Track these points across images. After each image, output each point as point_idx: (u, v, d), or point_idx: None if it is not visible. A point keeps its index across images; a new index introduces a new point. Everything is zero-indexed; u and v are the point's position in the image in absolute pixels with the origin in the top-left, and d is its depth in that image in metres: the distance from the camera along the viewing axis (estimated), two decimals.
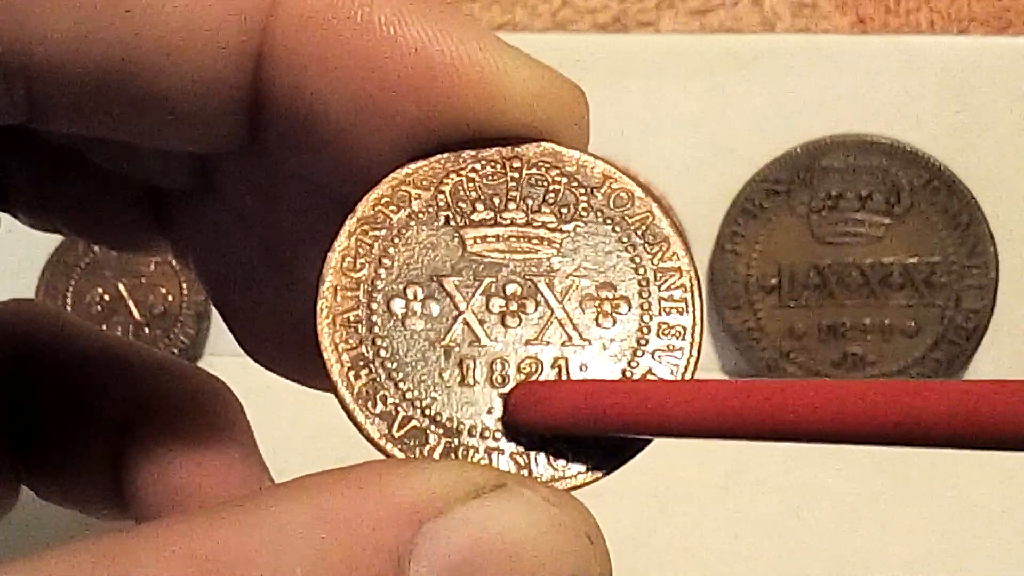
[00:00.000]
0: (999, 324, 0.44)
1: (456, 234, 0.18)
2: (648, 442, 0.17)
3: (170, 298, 0.44)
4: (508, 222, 0.18)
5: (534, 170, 0.18)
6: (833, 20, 0.46)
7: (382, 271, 0.18)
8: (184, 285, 0.44)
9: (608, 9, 0.46)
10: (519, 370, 0.17)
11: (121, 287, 0.44)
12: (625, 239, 0.18)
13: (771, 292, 0.44)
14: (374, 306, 0.17)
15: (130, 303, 0.44)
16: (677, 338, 0.18)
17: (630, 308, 0.18)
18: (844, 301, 0.44)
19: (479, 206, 0.18)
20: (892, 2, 0.46)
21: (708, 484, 0.41)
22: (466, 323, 0.17)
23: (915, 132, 0.44)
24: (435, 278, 0.18)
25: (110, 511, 0.25)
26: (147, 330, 0.44)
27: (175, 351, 0.44)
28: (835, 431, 0.14)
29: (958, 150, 0.44)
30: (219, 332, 0.44)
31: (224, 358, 0.42)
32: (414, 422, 0.17)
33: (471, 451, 0.17)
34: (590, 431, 0.17)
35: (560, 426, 0.17)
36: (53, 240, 0.44)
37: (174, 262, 0.44)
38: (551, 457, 0.17)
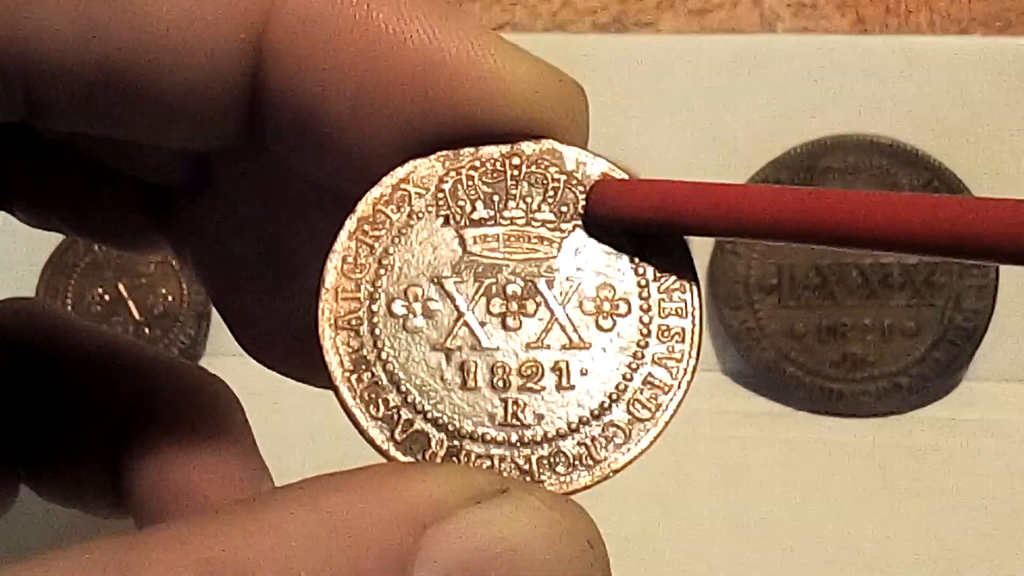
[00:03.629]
0: (999, 324, 0.44)
1: (456, 234, 0.18)
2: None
3: (170, 298, 0.44)
4: (508, 221, 0.18)
5: (534, 168, 0.18)
6: (833, 20, 0.46)
7: (383, 272, 0.18)
8: (184, 285, 0.44)
9: (608, 9, 0.46)
10: (520, 374, 0.17)
11: (121, 287, 0.44)
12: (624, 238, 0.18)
13: (771, 292, 0.44)
14: (375, 308, 0.17)
15: (130, 303, 0.44)
16: (677, 341, 0.17)
17: (630, 309, 0.18)
18: (844, 301, 0.44)
19: (479, 205, 0.18)
20: (892, 2, 0.46)
21: (708, 484, 0.41)
22: (467, 325, 0.17)
23: (915, 132, 0.44)
24: (436, 279, 0.18)
25: (109, 510, 0.25)
26: (147, 330, 0.44)
27: (175, 351, 0.44)
28: (887, 238, 0.15)
29: (958, 150, 0.44)
30: (219, 332, 0.44)
31: (224, 358, 0.42)
32: (416, 426, 0.17)
33: (473, 456, 0.17)
34: (663, 227, 0.17)
35: (636, 220, 0.17)
36: (53, 240, 0.44)
37: (174, 262, 0.44)
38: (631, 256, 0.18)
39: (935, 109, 0.44)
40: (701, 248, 0.44)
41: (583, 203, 0.18)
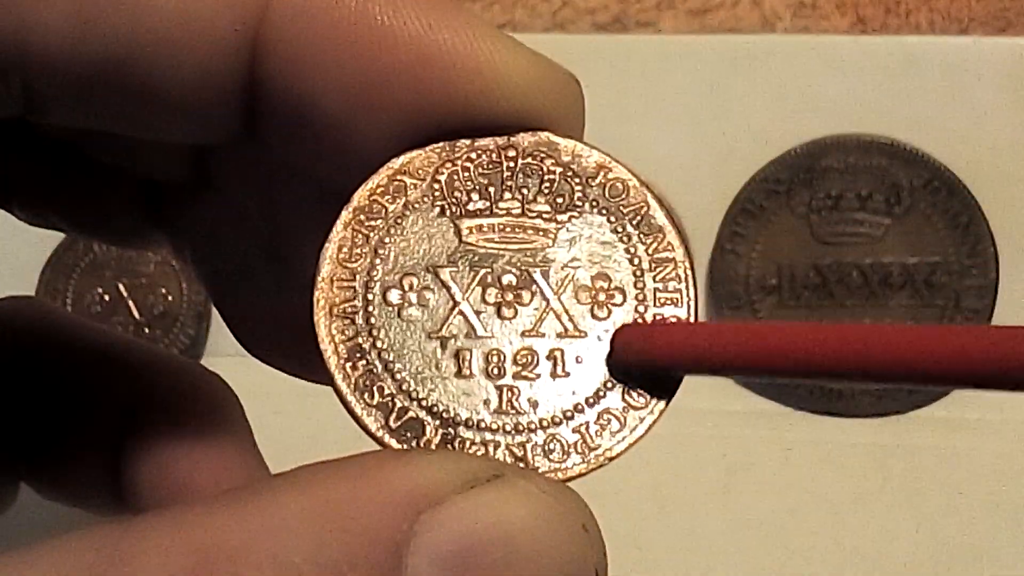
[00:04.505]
0: (999, 324, 0.44)
1: (452, 224, 0.18)
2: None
3: (170, 298, 0.44)
4: (504, 212, 0.18)
5: (529, 159, 0.18)
6: (833, 20, 0.46)
7: (378, 261, 0.18)
8: (184, 285, 0.44)
9: (608, 9, 0.46)
10: (515, 361, 0.17)
11: (121, 287, 0.44)
12: (620, 229, 0.18)
13: (771, 292, 0.44)
14: (370, 296, 0.17)
15: (130, 303, 0.44)
16: None
17: (625, 299, 0.18)
18: (844, 301, 0.44)
19: (475, 196, 0.18)
20: (892, 2, 0.46)
21: (708, 484, 0.41)
22: (462, 314, 0.17)
23: (915, 132, 0.44)
24: (431, 269, 0.18)
25: (110, 508, 0.25)
26: (147, 330, 0.44)
27: (175, 351, 0.44)
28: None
29: (958, 150, 0.44)
30: (219, 332, 0.44)
31: (224, 358, 0.42)
32: (411, 413, 0.17)
33: (467, 442, 0.17)
34: (693, 372, 0.17)
35: (665, 366, 0.17)
36: (53, 240, 0.44)
37: (174, 262, 0.44)
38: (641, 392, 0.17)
39: (935, 109, 0.44)
40: (701, 248, 0.44)
41: (608, 348, 0.17)
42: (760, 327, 0.16)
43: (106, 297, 0.44)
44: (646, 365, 0.17)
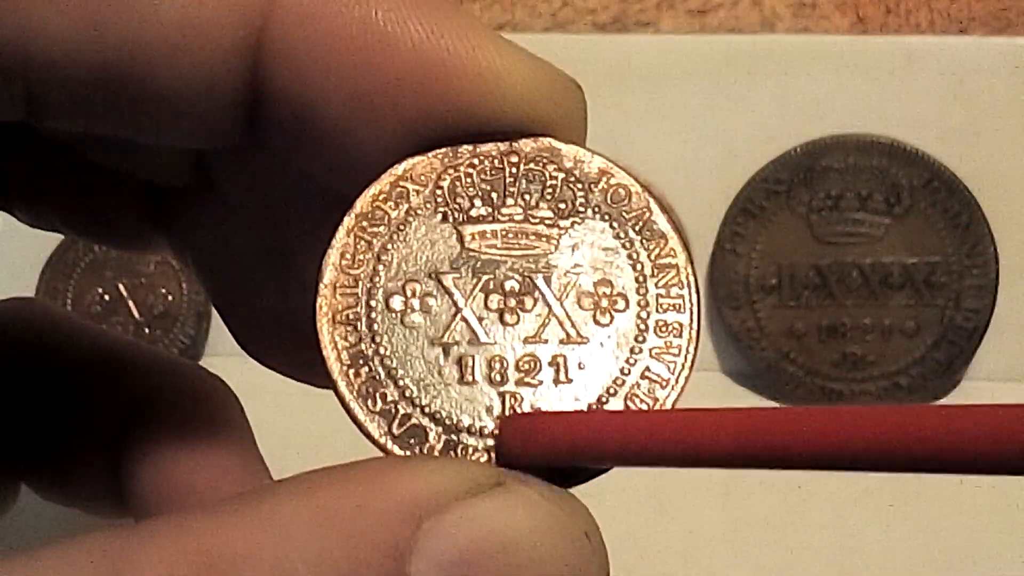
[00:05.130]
0: (999, 324, 0.44)
1: (454, 230, 0.18)
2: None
3: (170, 298, 0.44)
4: (506, 218, 0.18)
5: (532, 165, 0.18)
6: (833, 20, 0.46)
7: (381, 268, 0.18)
8: (184, 285, 0.45)
9: (608, 9, 0.46)
10: (517, 368, 0.17)
11: (121, 287, 0.44)
12: (622, 235, 0.18)
13: (771, 292, 0.44)
14: (373, 303, 0.17)
15: (130, 303, 0.44)
16: (675, 336, 0.18)
17: (627, 305, 0.18)
18: (844, 301, 0.44)
19: (477, 202, 0.18)
20: (892, 2, 0.46)
21: (708, 484, 0.41)
22: (465, 320, 0.17)
23: (915, 132, 0.44)
24: (434, 275, 0.18)
25: (110, 510, 0.25)
26: (147, 330, 0.44)
27: (175, 351, 0.44)
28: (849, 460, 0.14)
29: (958, 150, 0.44)
30: (219, 332, 0.44)
31: (224, 358, 0.42)
32: (413, 420, 0.17)
33: (470, 449, 0.17)
34: (580, 463, 0.17)
35: (549, 459, 0.16)
36: (53, 240, 0.44)
37: (174, 262, 0.44)
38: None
39: (935, 109, 0.44)
40: (701, 248, 0.44)
41: (498, 430, 0.17)
42: (652, 416, 0.16)
43: (106, 297, 0.44)
44: (534, 459, 0.17)
